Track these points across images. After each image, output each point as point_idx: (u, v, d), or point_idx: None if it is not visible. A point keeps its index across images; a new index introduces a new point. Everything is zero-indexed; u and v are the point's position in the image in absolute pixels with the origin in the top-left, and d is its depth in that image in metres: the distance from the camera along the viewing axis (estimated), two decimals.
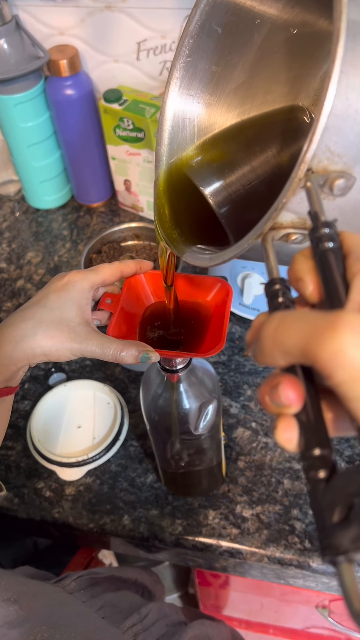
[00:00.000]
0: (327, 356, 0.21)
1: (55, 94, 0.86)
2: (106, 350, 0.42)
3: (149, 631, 0.46)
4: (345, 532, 0.21)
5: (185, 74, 0.42)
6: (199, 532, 0.63)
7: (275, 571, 0.65)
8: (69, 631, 0.34)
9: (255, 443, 0.70)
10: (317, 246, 0.28)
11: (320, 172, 0.29)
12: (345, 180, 0.29)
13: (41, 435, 0.70)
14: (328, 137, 0.28)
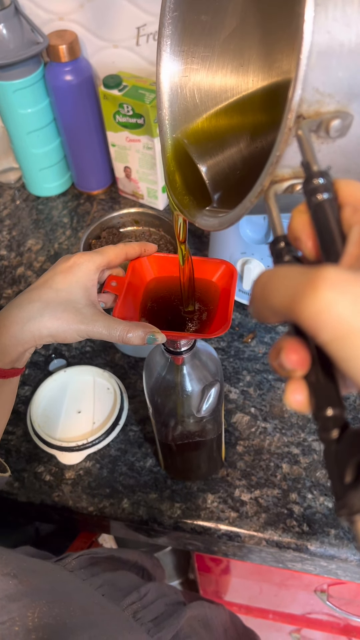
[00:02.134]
0: (309, 315, 0.20)
1: (54, 80, 0.86)
2: (113, 332, 0.42)
3: (148, 609, 0.47)
4: (357, 491, 0.21)
5: (174, 30, 0.40)
6: (198, 515, 0.64)
7: (274, 555, 0.65)
8: (68, 605, 0.34)
9: (254, 428, 0.70)
10: (311, 198, 0.26)
11: (313, 116, 0.27)
12: (342, 120, 0.27)
13: (41, 420, 0.71)
14: (314, 78, 0.26)
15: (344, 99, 0.27)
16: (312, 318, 0.20)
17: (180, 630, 0.48)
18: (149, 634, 0.43)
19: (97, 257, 0.45)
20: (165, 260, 0.49)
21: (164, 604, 0.49)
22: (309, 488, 0.65)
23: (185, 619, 0.50)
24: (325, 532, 0.62)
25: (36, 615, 0.32)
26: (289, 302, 0.21)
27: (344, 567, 0.64)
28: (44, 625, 0.32)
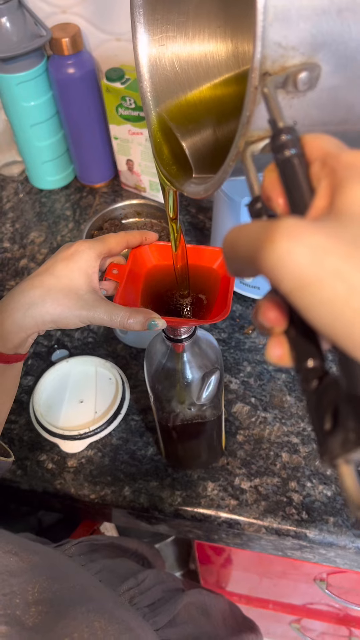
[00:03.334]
0: (269, 267, 0.21)
1: (57, 73, 0.86)
2: (114, 317, 0.43)
3: (144, 595, 0.47)
4: (334, 437, 0.21)
5: (145, 1, 0.39)
6: (198, 503, 0.65)
7: (273, 542, 0.66)
8: (67, 583, 0.35)
9: (255, 418, 0.70)
10: (278, 155, 0.26)
11: (279, 72, 0.27)
12: (309, 72, 0.27)
13: (44, 409, 0.72)
14: (275, 33, 0.26)
15: (308, 50, 0.27)
16: (271, 269, 0.21)
17: (177, 615, 0.49)
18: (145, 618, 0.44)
19: (98, 245, 0.45)
20: (166, 248, 0.50)
21: (161, 590, 0.50)
22: (308, 477, 0.65)
23: (182, 605, 0.50)
24: (324, 520, 0.62)
25: (36, 590, 0.33)
26: (253, 254, 0.21)
27: (343, 555, 0.65)
28: (44, 599, 0.33)
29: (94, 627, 0.32)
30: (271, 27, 0.25)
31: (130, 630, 0.33)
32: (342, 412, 0.21)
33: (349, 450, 0.20)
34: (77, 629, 0.31)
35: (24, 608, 0.31)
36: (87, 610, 0.33)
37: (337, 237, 0.20)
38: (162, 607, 0.47)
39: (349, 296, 0.19)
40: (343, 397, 0.21)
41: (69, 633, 0.31)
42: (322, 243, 0.20)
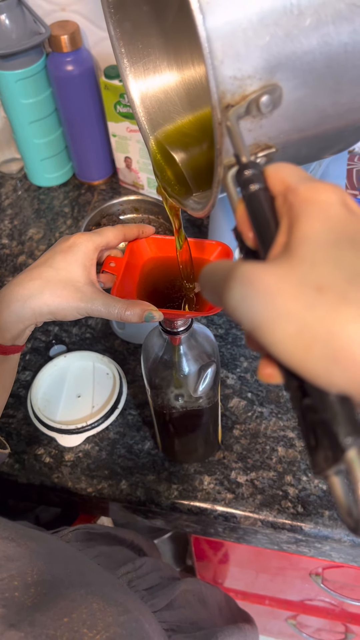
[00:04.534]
0: (230, 310, 0.22)
1: (56, 70, 0.87)
2: (111, 309, 0.43)
3: (142, 579, 0.48)
4: (317, 454, 0.22)
5: (123, 31, 0.40)
6: (195, 496, 0.65)
7: (269, 536, 0.66)
8: (64, 567, 0.36)
9: (251, 412, 0.71)
10: (243, 190, 0.26)
11: (240, 101, 0.27)
12: (269, 94, 0.28)
13: (41, 404, 0.72)
14: (228, 68, 0.27)
15: (265, 74, 0.27)
16: (232, 312, 0.22)
17: (174, 600, 0.49)
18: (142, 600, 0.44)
19: (96, 237, 0.46)
20: (163, 242, 0.50)
21: (159, 576, 0.50)
22: (304, 470, 0.66)
23: (180, 592, 0.51)
24: (320, 514, 0.63)
25: (35, 573, 0.33)
26: (218, 297, 0.23)
27: (338, 549, 0.65)
28: (42, 581, 0.33)
29: (92, 608, 0.32)
30: (222, 64, 0.26)
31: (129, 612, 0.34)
32: (319, 431, 0.22)
33: (330, 466, 0.21)
34: (76, 610, 0.32)
35: (22, 589, 0.31)
36: (86, 593, 0.34)
37: (287, 278, 0.21)
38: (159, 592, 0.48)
39: (299, 334, 0.21)
40: (317, 418, 0.23)
41: (68, 613, 0.31)
42: (273, 286, 0.21)
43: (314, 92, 0.29)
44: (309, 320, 0.21)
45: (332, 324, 0.20)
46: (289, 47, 0.27)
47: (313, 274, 0.21)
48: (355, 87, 0.30)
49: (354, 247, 0.22)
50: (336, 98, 0.30)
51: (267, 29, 0.27)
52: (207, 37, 0.26)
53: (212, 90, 0.27)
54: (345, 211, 0.23)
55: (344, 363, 0.20)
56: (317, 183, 0.24)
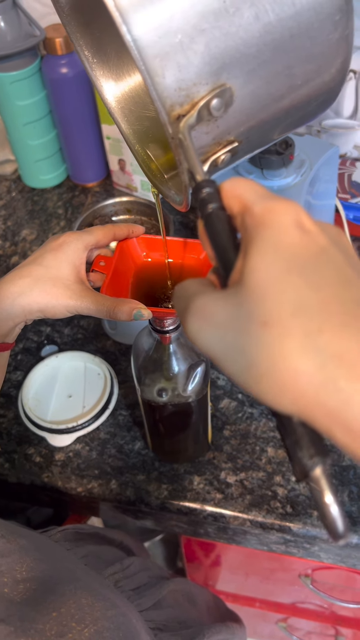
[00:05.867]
0: (190, 340, 0.24)
1: (50, 73, 0.87)
2: (100, 307, 0.44)
3: (130, 579, 0.48)
4: (294, 465, 0.23)
5: (91, 50, 0.39)
6: (184, 496, 0.65)
7: (258, 536, 0.67)
8: (54, 564, 0.36)
9: (241, 413, 0.71)
10: (200, 211, 0.26)
11: (190, 109, 0.27)
12: (219, 97, 0.27)
13: (32, 403, 0.72)
14: (171, 81, 0.26)
15: (210, 79, 0.27)
16: (192, 342, 0.24)
17: (162, 599, 0.49)
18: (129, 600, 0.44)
19: (85, 236, 0.46)
20: (153, 241, 0.50)
21: (147, 576, 0.51)
22: None
23: (168, 591, 0.51)
24: (308, 514, 0.63)
25: (24, 569, 0.34)
26: (181, 322, 0.24)
27: (326, 549, 0.65)
28: (32, 578, 0.33)
29: (81, 603, 0.32)
30: (165, 79, 0.26)
31: (117, 607, 0.34)
32: (289, 449, 0.23)
33: (302, 480, 0.22)
34: (64, 605, 0.32)
35: (12, 585, 0.32)
36: (75, 588, 0.34)
37: (236, 313, 0.22)
38: (147, 591, 0.48)
39: (249, 369, 0.22)
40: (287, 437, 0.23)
41: (56, 608, 0.31)
42: (223, 322, 0.22)
43: (266, 82, 0.29)
44: (255, 355, 0.21)
45: (276, 358, 0.21)
46: (230, 45, 0.26)
47: (260, 308, 0.21)
48: (308, 65, 0.30)
49: (302, 275, 0.22)
50: (290, 81, 0.29)
51: (203, 33, 0.26)
52: (141, 56, 0.25)
53: (159, 107, 0.26)
54: (298, 234, 0.23)
55: (292, 394, 0.21)
56: (271, 202, 0.23)
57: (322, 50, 0.29)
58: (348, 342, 0.20)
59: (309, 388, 0.20)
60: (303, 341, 0.20)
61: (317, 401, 0.20)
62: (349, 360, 0.20)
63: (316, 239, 0.23)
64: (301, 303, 0.21)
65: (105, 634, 0.32)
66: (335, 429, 0.20)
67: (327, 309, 0.21)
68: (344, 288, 0.22)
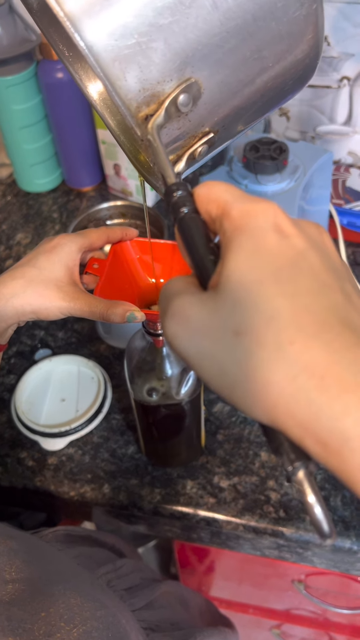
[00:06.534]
0: (167, 342, 0.24)
1: (46, 77, 0.88)
2: (94, 309, 0.44)
3: (122, 579, 0.48)
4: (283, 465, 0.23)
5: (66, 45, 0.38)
6: (177, 500, 0.65)
7: (251, 541, 0.67)
8: (43, 566, 0.36)
9: (235, 417, 0.71)
10: (173, 215, 0.25)
11: (157, 108, 0.26)
12: (186, 92, 0.26)
13: (25, 407, 0.72)
14: (132, 82, 0.25)
15: (174, 75, 0.26)
16: (169, 343, 0.23)
17: (154, 600, 0.49)
18: (121, 599, 0.44)
19: (79, 239, 0.46)
20: (146, 244, 0.51)
21: (139, 577, 0.50)
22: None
23: (160, 593, 0.51)
24: (301, 518, 0.63)
25: (13, 570, 0.34)
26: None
27: (319, 554, 0.65)
28: (20, 578, 0.33)
29: (70, 603, 0.32)
30: (126, 81, 0.25)
31: (106, 608, 0.34)
32: (273, 451, 0.23)
33: (288, 481, 0.22)
34: (53, 605, 0.32)
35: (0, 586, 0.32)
36: (64, 589, 0.34)
37: (210, 320, 0.22)
38: (139, 592, 0.48)
39: (222, 377, 0.22)
40: None
41: (45, 608, 0.31)
42: (198, 328, 0.22)
43: (235, 69, 0.28)
44: (228, 364, 0.21)
45: (248, 368, 0.21)
46: (191, 39, 0.25)
47: (233, 317, 0.21)
48: (277, 46, 0.28)
49: (278, 285, 0.21)
50: (260, 64, 0.28)
51: (160, 30, 0.25)
52: (98, 63, 0.24)
53: (123, 112, 0.26)
54: (276, 239, 0.22)
55: (264, 405, 0.21)
56: (249, 204, 0.23)
57: (290, 29, 0.27)
58: (319, 353, 0.20)
59: (281, 399, 0.20)
60: (275, 352, 0.20)
61: (289, 412, 0.20)
62: (319, 372, 0.20)
63: (294, 243, 0.22)
64: (274, 313, 0.21)
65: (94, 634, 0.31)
66: (307, 439, 0.20)
67: (300, 319, 0.21)
68: (318, 296, 0.21)
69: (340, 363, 0.20)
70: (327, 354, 0.20)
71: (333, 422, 0.19)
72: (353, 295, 0.23)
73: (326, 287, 0.22)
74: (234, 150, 0.75)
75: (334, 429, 0.19)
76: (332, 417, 0.19)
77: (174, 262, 0.50)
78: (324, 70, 0.85)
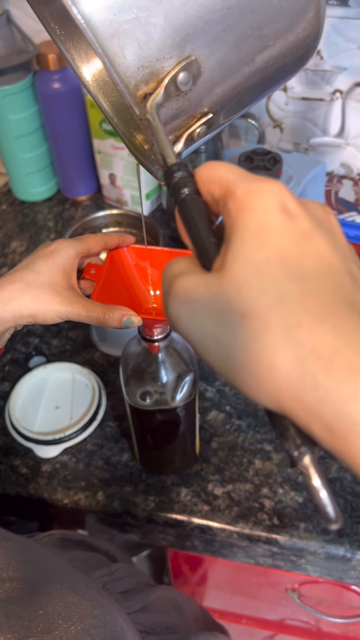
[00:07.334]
0: (170, 323, 0.24)
1: (43, 87, 0.89)
2: (91, 313, 0.44)
3: (117, 582, 0.48)
4: (286, 456, 0.23)
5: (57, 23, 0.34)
6: (171, 508, 0.65)
7: (245, 549, 0.67)
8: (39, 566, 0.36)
9: (229, 425, 0.72)
10: (173, 197, 0.24)
11: (157, 86, 0.26)
12: (186, 70, 0.26)
13: (19, 414, 0.72)
14: (132, 60, 0.25)
15: (174, 52, 0.25)
16: (172, 325, 0.23)
17: (150, 604, 0.49)
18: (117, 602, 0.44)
19: (77, 244, 0.47)
20: (143, 251, 0.51)
21: (134, 581, 0.50)
22: (280, 483, 0.66)
23: (155, 597, 0.51)
24: (295, 526, 0.63)
25: (10, 569, 0.34)
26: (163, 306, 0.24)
27: (313, 562, 0.65)
28: (17, 577, 0.33)
29: (67, 601, 0.32)
30: (125, 58, 0.24)
31: (104, 606, 0.34)
32: (278, 436, 0.23)
33: (293, 466, 0.22)
34: (51, 603, 0.32)
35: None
36: (62, 588, 0.34)
37: (215, 302, 0.21)
38: (134, 595, 0.48)
39: (226, 360, 0.21)
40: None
41: (43, 606, 0.31)
42: (203, 310, 0.22)
43: (235, 47, 0.27)
44: (232, 347, 0.21)
45: (253, 351, 0.20)
46: (191, 14, 0.25)
47: (239, 298, 0.21)
48: (278, 24, 0.28)
49: (284, 266, 0.21)
50: (261, 42, 0.28)
51: (160, 4, 0.24)
52: (97, 39, 0.23)
53: (122, 89, 0.25)
54: (282, 219, 0.22)
55: (268, 388, 0.20)
56: (254, 184, 0.22)
57: (292, 6, 0.27)
58: (325, 336, 0.20)
59: (287, 383, 0.20)
60: (281, 335, 0.20)
61: (295, 396, 0.20)
62: (326, 355, 0.19)
63: (300, 223, 0.22)
64: (280, 295, 0.20)
65: (92, 632, 0.31)
66: (313, 424, 0.20)
67: (307, 301, 0.20)
68: (324, 278, 0.21)
69: (348, 346, 0.19)
70: (334, 337, 0.20)
71: (340, 406, 0.19)
72: (359, 277, 0.22)
73: (332, 268, 0.21)
74: (228, 159, 0.76)
75: (341, 413, 0.19)
76: (339, 401, 0.19)
77: None
78: (317, 84, 0.86)
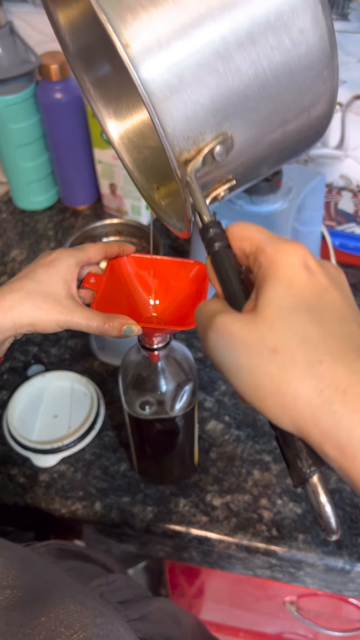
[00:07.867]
0: (207, 353, 0.27)
1: (45, 98, 0.89)
2: (91, 322, 0.44)
3: (115, 593, 0.48)
4: (292, 472, 0.26)
5: (93, 84, 0.41)
6: (169, 519, 0.65)
7: (243, 561, 0.66)
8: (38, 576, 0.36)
9: (228, 435, 0.71)
10: (208, 249, 0.29)
11: (196, 154, 0.30)
12: (222, 143, 0.30)
13: (17, 423, 0.71)
14: (180, 131, 0.29)
15: (214, 128, 0.30)
16: (209, 356, 0.27)
17: (148, 614, 0.49)
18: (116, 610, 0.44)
19: (77, 253, 0.47)
20: (143, 260, 0.51)
21: (132, 592, 0.50)
22: (279, 494, 0.66)
23: (153, 608, 0.50)
24: (294, 537, 0.63)
25: (10, 577, 0.33)
26: (201, 338, 0.28)
27: (312, 574, 0.65)
28: (18, 585, 0.33)
29: (69, 609, 0.32)
30: (175, 130, 0.29)
31: (105, 616, 0.34)
32: (289, 459, 0.26)
33: (300, 485, 0.26)
34: (53, 610, 0.32)
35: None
36: (63, 596, 0.34)
37: (250, 337, 0.25)
38: (133, 605, 0.47)
39: (256, 387, 0.25)
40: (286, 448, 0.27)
41: (45, 613, 0.31)
42: (239, 343, 0.26)
43: (263, 130, 0.32)
44: (262, 376, 0.25)
45: (280, 381, 0.24)
46: (232, 99, 0.30)
47: (271, 335, 0.25)
48: (300, 115, 0.33)
49: (308, 313, 0.25)
50: (283, 128, 0.33)
51: (209, 89, 0.29)
52: (158, 116, 0.28)
53: (169, 155, 0.29)
54: (306, 274, 0.26)
55: (291, 413, 0.24)
56: (282, 245, 0.27)
57: (312, 101, 0.33)
58: (342, 373, 0.24)
59: (307, 409, 0.24)
60: (306, 369, 0.24)
61: (313, 421, 0.24)
62: (342, 388, 0.24)
63: (320, 279, 0.26)
64: (306, 336, 0.25)
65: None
66: (327, 445, 0.24)
67: (327, 342, 0.25)
68: (340, 325, 0.25)
69: (358, 382, 0.24)
70: (348, 373, 0.24)
71: (353, 430, 0.23)
72: None
73: (346, 317, 0.26)
74: None
75: (353, 436, 0.23)
76: (351, 427, 0.23)
77: (170, 278, 0.51)
78: None
